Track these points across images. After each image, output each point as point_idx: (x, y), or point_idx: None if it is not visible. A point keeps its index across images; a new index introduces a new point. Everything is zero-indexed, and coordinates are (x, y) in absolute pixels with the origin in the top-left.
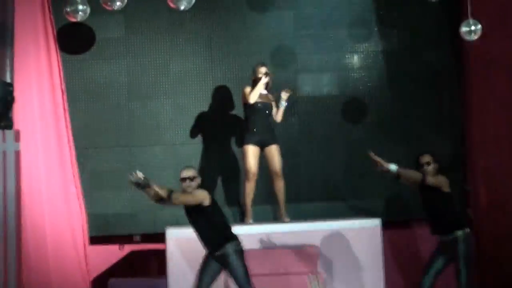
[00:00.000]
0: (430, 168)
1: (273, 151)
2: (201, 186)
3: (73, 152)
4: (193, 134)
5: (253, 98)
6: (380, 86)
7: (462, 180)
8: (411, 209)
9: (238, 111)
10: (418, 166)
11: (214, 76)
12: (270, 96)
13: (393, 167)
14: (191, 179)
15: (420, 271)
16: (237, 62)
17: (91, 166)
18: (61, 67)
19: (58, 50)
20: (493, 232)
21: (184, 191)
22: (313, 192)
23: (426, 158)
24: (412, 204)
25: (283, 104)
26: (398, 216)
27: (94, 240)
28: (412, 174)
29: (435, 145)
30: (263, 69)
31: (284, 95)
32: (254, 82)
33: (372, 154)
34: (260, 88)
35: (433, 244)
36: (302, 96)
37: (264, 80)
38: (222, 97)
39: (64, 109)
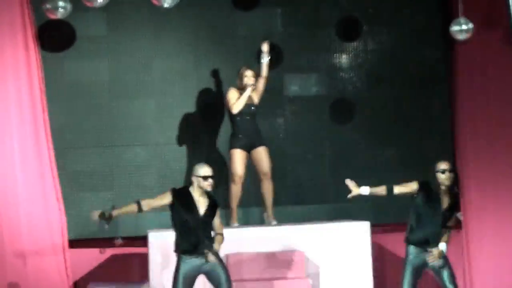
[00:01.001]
0: (445, 176)
1: (261, 152)
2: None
3: (52, 153)
4: (177, 134)
5: (236, 108)
6: (370, 86)
7: (453, 183)
8: (400, 212)
9: (223, 111)
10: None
11: (199, 75)
12: (253, 96)
13: (364, 190)
14: (213, 177)
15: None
16: (223, 60)
17: (71, 167)
18: (40, 65)
19: (37, 48)
20: (483, 236)
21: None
22: (300, 194)
23: (443, 165)
24: (401, 207)
25: (266, 58)
26: (387, 219)
27: (74, 243)
28: (405, 189)
29: (425, 146)
30: (249, 73)
31: (265, 48)
32: (240, 86)
33: (348, 181)
34: (245, 99)
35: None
36: (289, 96)
37: (249, 91)
38: (208, 97)
39: (43, 108)
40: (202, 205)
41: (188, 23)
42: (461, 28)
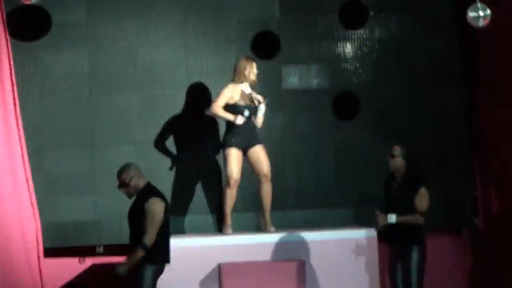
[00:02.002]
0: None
1: (258, 152)
2: (174, 191)
3: (25, 153)
4: (165, 132)
5: (214, 110)
6: (376, 79)
7: (469, 185)
8: None
9: None
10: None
11: (188, 66)
12: (254, 94)
13: (392, 219)
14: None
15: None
16: (215, 50)
17: (46, 169)
18: (11, 55)
19: (7, 36)
20: (505, 242)
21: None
22: (300, 198)
23: (392, 149)
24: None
25: (262, 109)
26: None
27: (50, 252)
28: (412, 222)
29: (438, 145)
30: (254, 65)
31: (261, 101)
32: (238, 81)
33: (378, 212)
34: (225, 118)
35: (431, 255)
36: (287, 89)
37: (240, 121)
38: (198, 90)
39: (15, 103)
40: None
41: (176, 8)
42: (478, 14)
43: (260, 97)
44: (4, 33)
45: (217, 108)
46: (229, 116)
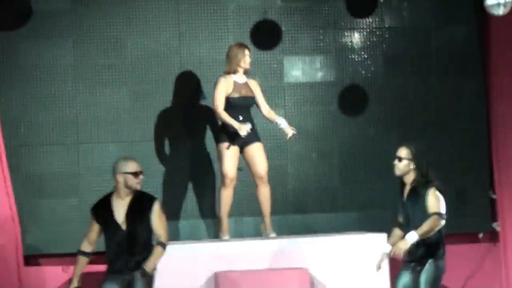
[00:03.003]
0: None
1: (256, 150)
2: (167, 192)
3: (3, 152)
4: (155, 129)
5: (219, 113)
6: (386, 71)
7: (488, 187)
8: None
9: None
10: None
11: (182, 58)
12: (250, 84)
13: (412, 238)
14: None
15: None
16: (211, 41)
17: (26, 169)
18: None
19: None
20: None
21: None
22: (303, 201)
23: (398, 151)
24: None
25: (282, 123)
26: None
27: (31, 260)
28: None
29: (454, 143)
30: (247, 53)
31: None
32: (230, 70)
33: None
34: (230, 123)
35: (448, 263)
36: (289, 83)
37: (244, 132)
38: (192, 83)
39: None
40: (122, 211)
41: None
42: (497, 2)
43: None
44: None
45: (221, 112)
46: (235, 124)
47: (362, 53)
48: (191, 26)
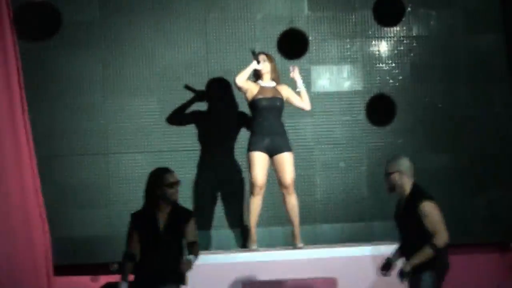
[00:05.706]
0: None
1: (285, 159)
2: (196, 202)
3: (34, 162)
4: (183, 138)
5: (239, 79)
6: (413, 80)
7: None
8: (456, 231)
9: (241, 109)
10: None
11: (209, 67)
12: (279, 89)
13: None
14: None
15: None
16: (238, 50)
17: (57, 179)
18: (18, 58)
19: (15, 36)
20: None
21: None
22: (331, 211)
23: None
24: (459, 225)
25: (300, 86)
26: None
27: (61, 269)
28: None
29: (483, 151)
30: (264, 57)
31: (295, 75)
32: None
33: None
34: (249, 71)
35: (476, 273)
36: (317, 92)
37: (256, 65)
38: (220, 92)
39: (23, 109)
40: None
41: (196, 4)
42: None
43: (292, 74)
44: (11, 33)
45: (238, 76)
46: (250, 66)
47: (390, 62)
48: (219, 35)
